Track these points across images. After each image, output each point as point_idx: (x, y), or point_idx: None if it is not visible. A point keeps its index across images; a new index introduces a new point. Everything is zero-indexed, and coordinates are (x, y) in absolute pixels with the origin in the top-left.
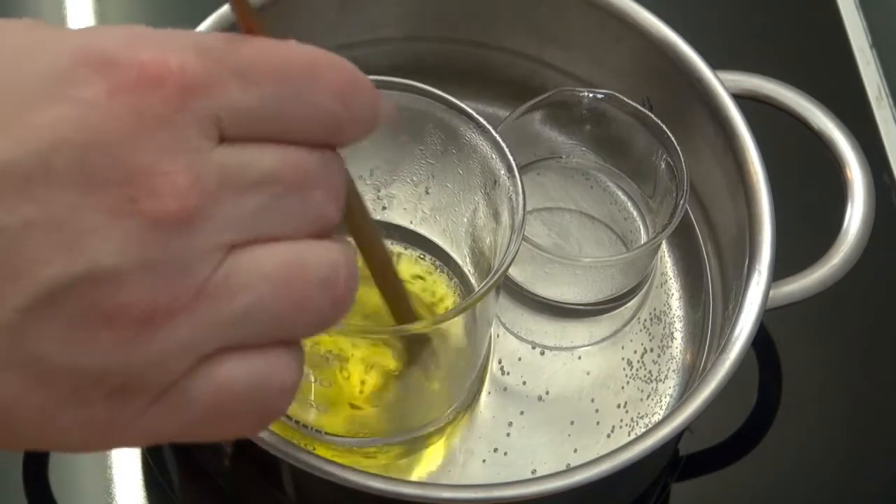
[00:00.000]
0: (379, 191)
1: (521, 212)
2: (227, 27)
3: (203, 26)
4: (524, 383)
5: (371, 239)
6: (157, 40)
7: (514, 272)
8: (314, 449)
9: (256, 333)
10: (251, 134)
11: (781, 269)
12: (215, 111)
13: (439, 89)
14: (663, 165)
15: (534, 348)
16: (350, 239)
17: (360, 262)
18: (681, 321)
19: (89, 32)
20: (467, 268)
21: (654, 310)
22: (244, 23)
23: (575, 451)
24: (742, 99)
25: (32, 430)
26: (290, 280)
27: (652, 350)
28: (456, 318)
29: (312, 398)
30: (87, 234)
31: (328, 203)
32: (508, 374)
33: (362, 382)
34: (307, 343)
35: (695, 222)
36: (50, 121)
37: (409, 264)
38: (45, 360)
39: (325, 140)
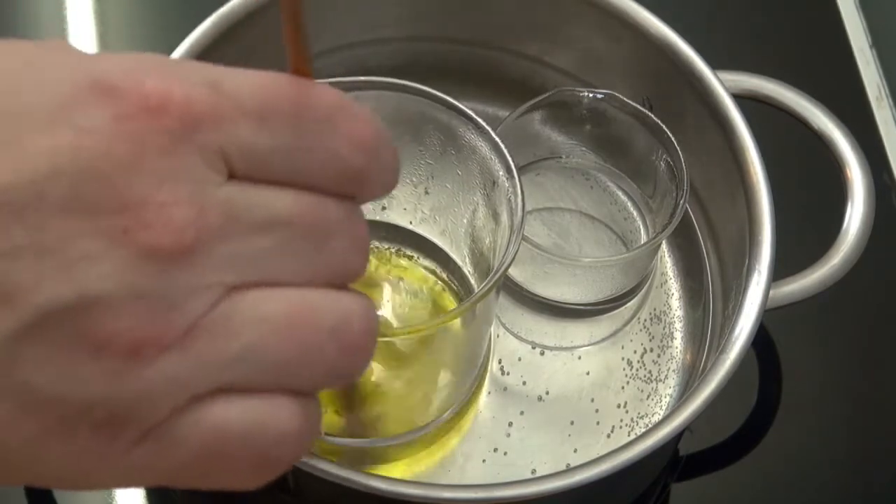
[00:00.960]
0: None
1: (520, 212)
2: (226, 28)
3: (203, 27)
4: (524, 383)
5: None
6: (164, 70)
7: (514, 272)
8: (314, 449)
9: (257, 378)
10: (264, 175)
11: (781, 269)
12: (221, 145)
13: (439, 89)
14: (663, 165)
15: (534, 348)
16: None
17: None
18: (681, 321)
19: (95, 59)
20: (467, 268)
21: (654, 310)
22: (294, 60)
23: (575, 451)
24: (742, 99)
25: (19, 461)
26: (293, 324)
27: (652, 350)
28: (456, 319)
29: None
30: (78, 260)
31: (351, 253)
32: (508, 374)
33: (363, 383)
34: None
35: (695, 222)
36: (48, 147)
37: (408, 264)
38: (33, 388)
39: (345, 191)
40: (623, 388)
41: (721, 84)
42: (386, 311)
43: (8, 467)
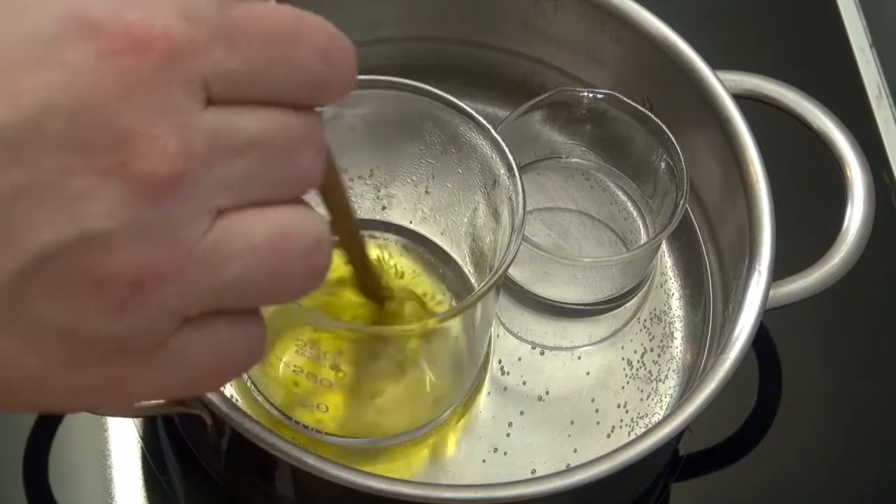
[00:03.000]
0: (379, 191)
1: (520, 212)
2: None
3: None
4: (524, 383)
5: (345, 210)
6: (142, 4)
7: (514, 272)
8: (314, 449)
9: (239, 300)
10: (239, 96)
11: (781, 269)
12: (202, 74)
13: (439, 89)
14: (663, 165)
15: (534, 348)
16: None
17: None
18: (681, 321)
19: None
20: (467, 267)
21: (654, 310)
22: None
23: (575, 451)
24: (742, 99)
25: (28, 391)
26: (275, 250)
27: (652, 350)
28: (456, 318)
29: (313, 398)
30: (77, 198)
31: (314, 163)
32: (508, 374)
33: (362, 382)
34: (307, 343)
35: (695, 222)
36: (38, 85)
37: (408, 264)
38: (39, 323)
39: (311, 100)
40: (623, 388)
41: (721, 84)
42: (385, 310)
43: (18, 395)
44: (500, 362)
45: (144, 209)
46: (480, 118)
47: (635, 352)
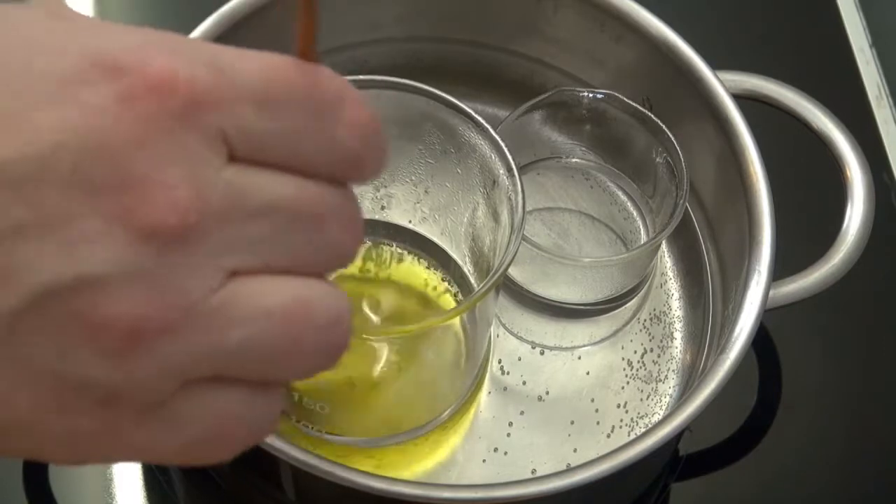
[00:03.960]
0: (378, 191)
1: (520, 211)
2: (226, 28)
3: (203, 26)
4: (524, 383)
5: None
6: (171, 49)
7: (514, 272)
8: (314, 449)
9: (247, 369)
10: (265, 158)
11: (781, 269)
12: (225, 128)
13: (439, 89)
14: (663, 165)
15: (534, 348)
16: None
17: None
18: (681, 321)
19: (104, 33)
20: (467, 267)
21: (654, 310)
22: (302, 44)
23: (575, 451)
24: (742, 99)
25: (17, 433)
26: (289, 320)
27: (652, 350)
28: (455, 318)
29: (313, 398)
30: (79, 240)
31: (345, 236)
32: (508, 374)
33: (363, 382)
34: None
35: (695, 222)
36: (52, 123)
37: (408, 264)
38: (32, 363)
39: (342, 176)
40: (623, 388)
41: (721, 84)
42: (385, 310)
43: (9, 437)
44: (500, 362)
45: (148, 257)
46: (480, 118)
47: (635, 352)
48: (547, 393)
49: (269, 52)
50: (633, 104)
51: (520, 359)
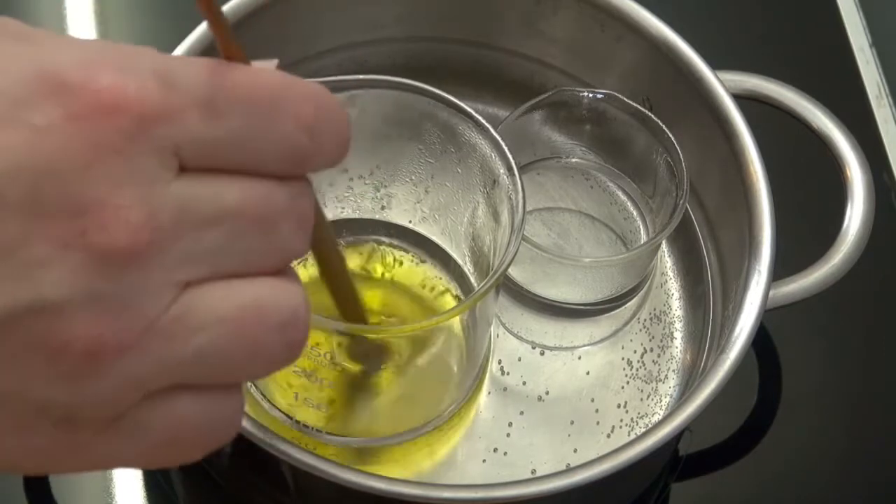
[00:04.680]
0: (378, 190)
1: (520, 211)
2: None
3: (203, 26)
4: (524, 383)
5: (328, 246)
6: (118, 65)
7: (514, 272)
8: (314, 449)
9: (207, 375)
10: (214, 165)
11: (781, 269)
12: (175, 141)
13: (439, 89)
14: (663, 165)
15: (534, 348)
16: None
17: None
18: (681, 321)
19: (50, 51)
20: (467, 267)
21: (654, 310)
22: (224, 48)
23: (575, 451)
24: (742, 99)
25: None
26: (245, 323)
27: (652, 350)
28: (455, 318)
29: (313, 398)
30: (34, 265)
31: (295, 236)
32: (508, 374)
33: (362, 383)
34: (308, 344)
35: (695, 222)
36: (4, 145)
37: (408, 264)
38: None
39: (292, 172)
40: (623, 388)
41: (721, 84)
42: (385, 310)
43: None
44: (500, 362)
45: (103, 280)
46: (480, 118)
47: (635, 352)
48: (547, 393)
49: (210, 59)
50: (633, 104)
51: (520, 359)
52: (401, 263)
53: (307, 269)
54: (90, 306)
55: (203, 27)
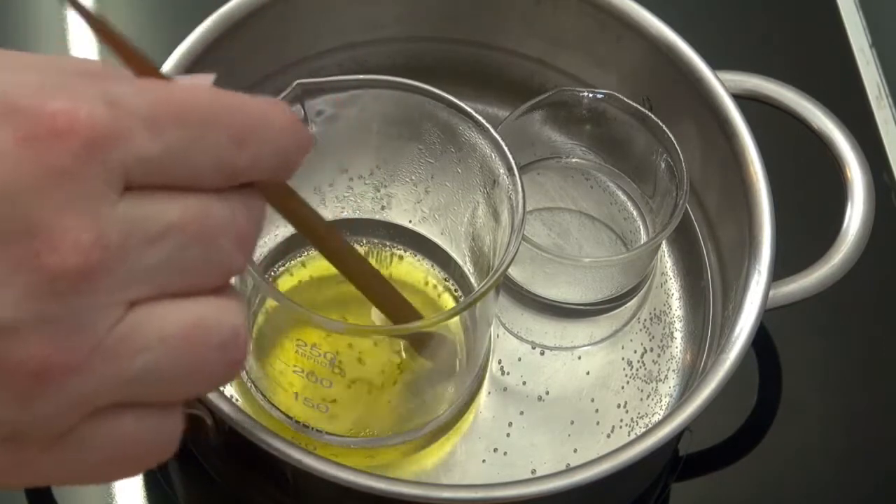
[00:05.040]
0: (378, 190)
1: (520, 211)
2: (226, 28)
3: (204, 26)
4: (524, 383)
5: (341, 252)
6: (68, 88)
7: (514, 272)
8: (314, 449)
9: (150, 393)
10: (158, 182)
11: (781, 269)
12: (123, 162)
13: (439, 89)
14: (663, 165)
15: (534, 348)
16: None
17: None
18: (681, 321)
19: (3, 72)
20: (467, 267)
21: (654, 310)
22: (137, 69)
23: (575, 451)
24: (742, 99)
25: None
26: (188, 342)
27: (652, 350)
28: (455, 318)
29: (313, 398)
30: None
31: (234, 252)
32: (508, 374)
33: (362, 382)
34: (307, 344)
35: (695, 222)
36: None
37: (409, 264)
38: None
39: (226, 184)
40: (623, 388)
41: (721, 84)
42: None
43: None
44: (500, 362)
45: (53, 301)
46: (480, 118)
47: (635, 352)
48: (547, 393)
49: (149, 78)
50: (633, 104)
51: (520, 359)
52: (400, 263)
53: (306, 269)
54: (41, 327)
55: (203, 27)
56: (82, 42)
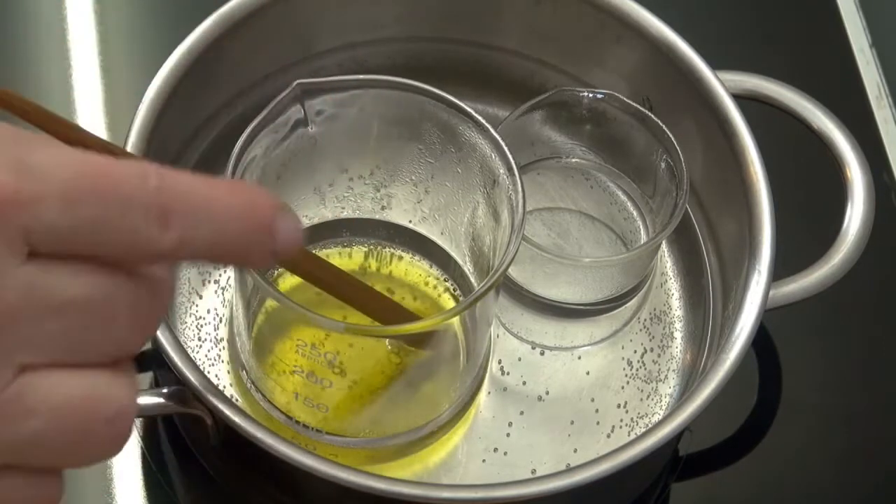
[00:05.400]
0: (378, 190)
1: (520, 211)
2: (226, 28)
3: (203, 26)
4: (524, 383)
5: (322, 274)
6: None
7: (514, 272)
8: (314, 449)
9: (34, 459)
10: (67, 251)
11: (781, 269)
12: (28, 227)
13: (439, 89)
14: (663, 165)
15: (534, 348)
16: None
17: None
18: (681, 321)
19: None
20: (467, 267)
21: (654, 310)
22: (63, 137)
23: (575, 451)
24: (742, 99)
25: None
26: (77, 415)
27: (652, 350)
28: (455, 318)
29: (313, 398)
30: None
31: (133, 334)
32: (508, 374)
33: (362, 382)
34: (307, 344)
35: (695, 222)
36: None
37: (408, 263)
38: None
39: (141, 263)
40: (623, 388)
41: (721, 84)
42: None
43: None
44: (500, 362)
45: None
46: (480, 118)
47: (635, 352)
48: (547, 393)
49: (78, 151)
50: (633, 104)
51: (520, 359)
52: (400, 263)
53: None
54: None
55: (203, 27)
56: (82, 42)
